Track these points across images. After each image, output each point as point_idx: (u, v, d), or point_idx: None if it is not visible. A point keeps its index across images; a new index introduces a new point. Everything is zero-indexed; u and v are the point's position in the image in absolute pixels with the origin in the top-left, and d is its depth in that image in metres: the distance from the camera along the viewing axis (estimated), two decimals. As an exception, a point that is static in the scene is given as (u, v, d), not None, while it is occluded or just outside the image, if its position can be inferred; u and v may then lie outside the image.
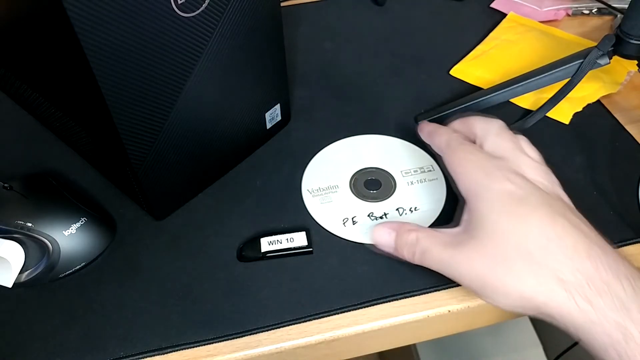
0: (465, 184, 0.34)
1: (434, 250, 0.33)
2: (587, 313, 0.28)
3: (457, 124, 0.39)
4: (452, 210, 0.41)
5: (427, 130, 0.40)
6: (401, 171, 0.44)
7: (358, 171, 0.44)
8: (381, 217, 0.41)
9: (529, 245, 0.30)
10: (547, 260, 0.30)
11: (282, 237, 0.39)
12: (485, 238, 0.32)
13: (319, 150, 0.46)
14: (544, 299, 0.30)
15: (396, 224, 0.37)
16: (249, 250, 0.39)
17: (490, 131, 0.37)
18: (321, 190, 0.43)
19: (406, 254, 0.35)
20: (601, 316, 0.28)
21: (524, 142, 0.37)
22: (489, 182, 0.33)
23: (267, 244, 0.39)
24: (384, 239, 0.36)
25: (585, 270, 0.29)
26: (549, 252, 0.30)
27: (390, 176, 0.44)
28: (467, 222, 0.33)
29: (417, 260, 0.35)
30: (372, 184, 0.43)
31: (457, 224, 0.35)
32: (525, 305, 0.31)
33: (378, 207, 0.42)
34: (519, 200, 0.32)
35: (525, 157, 0.35)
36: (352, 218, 0.41)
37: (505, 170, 0.33)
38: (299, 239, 0.39)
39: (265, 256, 0.38)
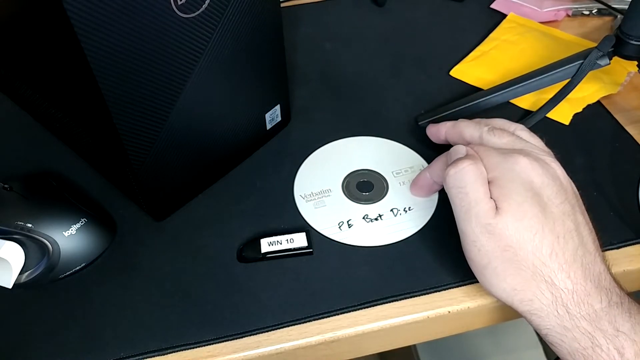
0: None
1: (469, 196, 0.33)
2: (562, 319, 0.30)
3: (449, 129, 0.41)
4: (445, 208, 0.41)
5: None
6: (392, 172, 0.44)
7: (349, 174, 0.44)
8: (376, 219, 0.41)
9: (537, 241, 0.31)
10: (548, 260, 0.31)
11: (282, 237, 0.39)
12: (502, 222, 0.32)
13: (309, 155, 0.46)
14: (531, 296, 0.31)
15: (469, 150, 0.36)
16: (249, 250, 0.39)
17: (484, 135, 0.38)
18: (314, 194, 0.43)
19: (446, 172, 0.35)
20: (574, 324, 0.30)
21: (521, 131, 0.38)
22: (508, 164, 0.34)
23: (267, 245, 0.39)
24: (456, 152, 0.36)
25: (576, 279, 0.31)
26: (553, 252, 0.31)
27: (382, 177, 0.44)
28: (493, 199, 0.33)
29: (451, 187, 0.34)
30: (364, 186, 0.43)
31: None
32: (514, 295, 0.32)
33: (372, 209, 0.42)
34: (533, 190, 0.33)
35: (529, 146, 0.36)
36: (348, 221, 0.41)
37: (523, 154, 0.34)
38: (299, 240, 0.39)
39: (265, 257, 0.38)
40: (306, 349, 0.36)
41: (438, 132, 0.42)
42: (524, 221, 0.32)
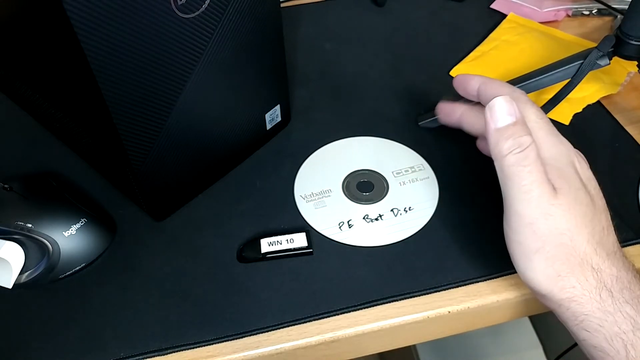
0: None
1: (534, 175, 0.31)
2: (604, 303, 0.30)
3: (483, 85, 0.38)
4: (446, 208, 0.41)
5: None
6: (392, 172, 0.44)
7: (350, 174, 0.44)
8: (377, 219, 0.41)
9: (594, 235, 0.32)
10: (599, 249, 0.31)
11: (282, 237, 0.39)
12: (569, 200, 0.32)
13: (309, 155, 0.46)
14: (573, 284, 0.31)
15: (519, 113, 0.33)
16: (249, 251, 0.39)
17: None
18: (314, 195, 0.43)
19: (505, 146, 0.32)
20: (617, 307, 0.30)
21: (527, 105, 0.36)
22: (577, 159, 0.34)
23: (267, 245, 0.39)
24: (503, 111, 0.33)
25: (618, 267, 0.31)
26: (601, 244, 0.32)
27: (382, 177, 0.44)
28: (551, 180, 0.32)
29: (506, 161, 0.32)
30: (364, 186, 0.43)
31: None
32: (556, 282, 0.31)
33: (373, 209, 0.42)
34: (585, 188, 0.33)
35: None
36: (348, 222, 0.41)
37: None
38: (299, 240, 0.39)
39: (265, 257, 0.38)
40: (306, 349, 0.36)
41: (468, 83, 0.38)
42: (582, 207, 0.32)
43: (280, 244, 0.39)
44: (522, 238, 0.32)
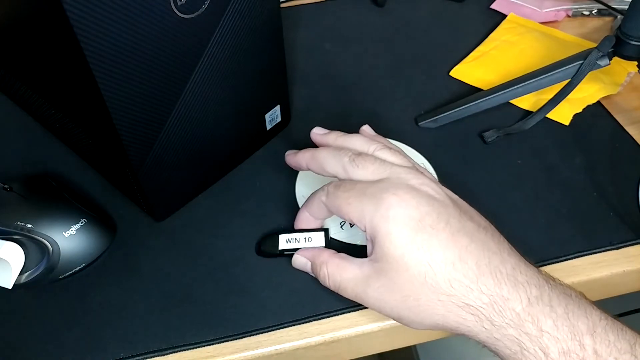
0: (360, 221, 0.33)
1: (347, 287, 0.33)
2: (491, 332, 0.30)
3: (310, 161, 0.38)
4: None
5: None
6: None
7: None
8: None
9: (435, 275, 0.30)
10: (452, 289, 0.30)
11: (300, 235, 0.38)
12: (392, 272, 0.31)
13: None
14: (455, 324, 0.31)
15: (310, 252, 0.36)
16: (268, 244, 0.39)
17: (347, 167, 0.35)
18: None
19: (324, 284, 0.35)
20: (502, 333, 0.30)
21: (380, 151, 0.36)
22: (381, 212, 0.31)
23: (285, 242, 0.38)
24: (303, 268, 0.37)
25: (488, 290, 0.30)
26: (454, 279, 0.30)
27: None
28: (374, 256, 0.32)
29: (335, 290, 0.34)
30: None
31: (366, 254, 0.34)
32: (440, 329, 0.32)
33: None
34: (416, 226, 0.31)
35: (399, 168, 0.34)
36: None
37: (391, 190, 0.32)
38: (317, 239, 0.38)
39: (282, 253, 0.38)
40: (306, 349, 0.36)
41: (298, 163, 0.38)
42: (414, 269, 0.30)
43: (298, 241, 0.38)
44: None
